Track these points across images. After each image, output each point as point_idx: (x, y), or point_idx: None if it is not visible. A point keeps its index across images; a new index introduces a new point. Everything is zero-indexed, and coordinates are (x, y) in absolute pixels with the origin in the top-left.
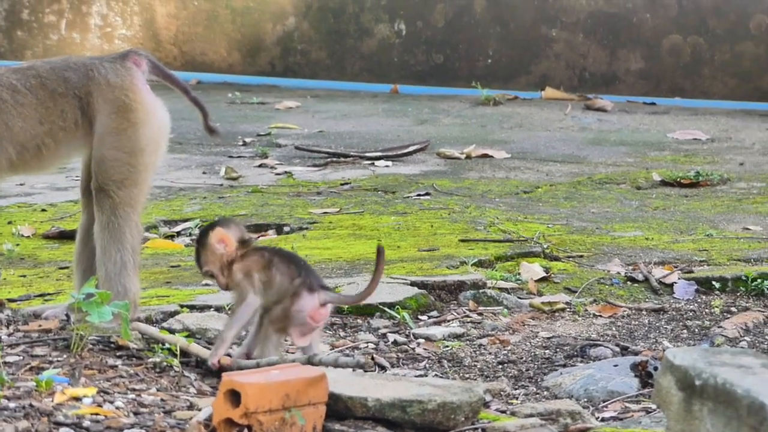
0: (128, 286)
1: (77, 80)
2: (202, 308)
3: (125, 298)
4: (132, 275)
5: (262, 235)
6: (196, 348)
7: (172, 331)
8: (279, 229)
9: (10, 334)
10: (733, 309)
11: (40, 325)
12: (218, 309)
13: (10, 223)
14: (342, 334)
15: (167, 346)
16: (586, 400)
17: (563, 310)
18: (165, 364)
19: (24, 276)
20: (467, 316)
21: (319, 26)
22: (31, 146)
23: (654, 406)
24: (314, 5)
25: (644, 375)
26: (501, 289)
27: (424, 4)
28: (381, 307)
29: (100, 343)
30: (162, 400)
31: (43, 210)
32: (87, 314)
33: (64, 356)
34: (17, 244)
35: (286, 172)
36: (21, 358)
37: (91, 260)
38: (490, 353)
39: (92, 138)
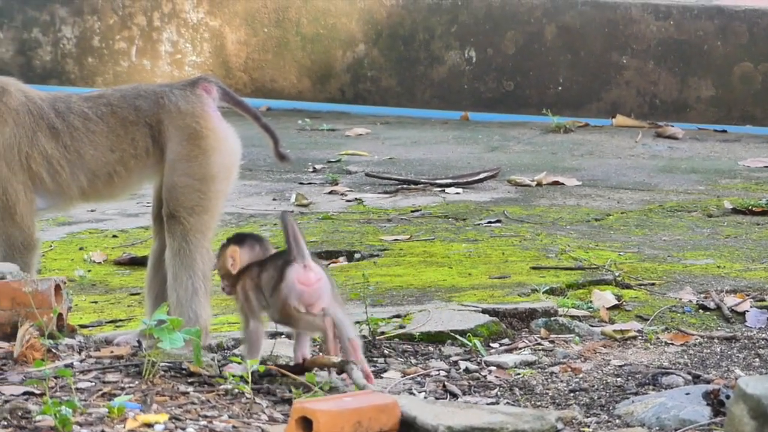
0: (199, 313)
1: (148, 108)
2: (273, 335)
3: (196, 325)
4: (203, 301)
5: (333, 262)
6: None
7: (244, 358)
8: (350, 256)
9: (82, 360)
10: None
11: (111, 351)
12: (288, 336)
13: (81, 249)
14: (413, 361)
15: (239, 372)
16: (658, 428)
17: (635, 338)
18: (237, 390)
19: (95, 302)
20: (539, 344)
21: (390, 53)
22: (103, 174)
23: None
24: (384, 32)
25: (716, 404)
26: (572, 317)
27: (495, 32)
28: (452, 334)
29: (171, 370)
30: (234, 427)
31: (114, 236)
32: (158, 340)
33: (136, 382)
34: (89, 270)
35: (356, 199)
36: (93, 384)
37: (163, 286)
38: (561, 381)
39: (163, 165)
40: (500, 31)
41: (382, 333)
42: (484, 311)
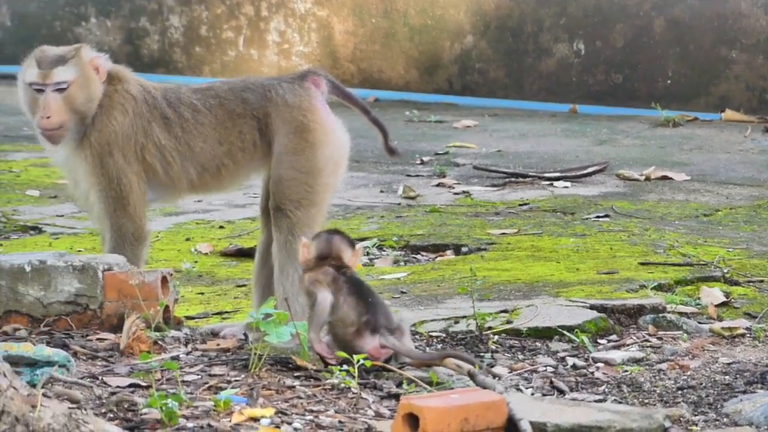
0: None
1: (255, 101)
2: None
3: (303, 318)
4: None
5: (440, 255)
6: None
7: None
8: (457, 250)
9: (188, 353)
10: None
11: (218, 344)
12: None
13: (188, 239)
14: (520, 357)
15: (345, 367)
16: (766, 427)
17: (743, 335)
18: (343, 385)
19: (202, 293)
20: (646, 341)
21: (498, 45)
22: (211, 167)
23: None
24: (492, 24)
25: None
26: (681, 314)
27: (603, 24)
28: (560, 330)
29: (278, 363)
30: (340, 422)
31: (221, 227)
32: (265, 334)
33: (242, 376)
34: (195, 262)
35: (464, 192)
36: (199, 377)
37: (270, 279)
38: (669, 378)
39: (270, 158)
40: (609, 24)
41: (489, 328)
42: (592, 307)
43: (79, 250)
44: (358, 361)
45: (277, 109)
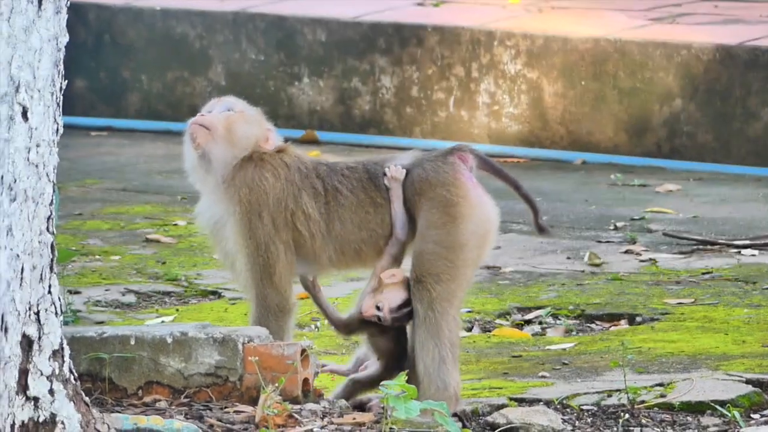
0: (447, 381)
1: None
2: (532, 402)
3: (445, 393)
4: (451, 369)
5: (614, 325)
6: None
7: (494, 427)
8: (631, 320)
9: (323, 427)
10: None
11: (353, 418)
12: (548, 403)
13: None
14: (670, 431)
15: None
16: None
17: None
18: None
19: None
20: None
21: (706, 108)
22: (349, 250)
23: None
24: (701, 87)
25: None
26: None
27: None
28: (712, 404)
29: None
30: None
31: None
32: (394, 409)
33: None
34: None
35: (650, 259)
36: None
37: (413, 353)
38: None
39: (413, 237)
40: None
41: (642, 401)
42: (748, 381)
43: None
44: None
45: (421, 190)
